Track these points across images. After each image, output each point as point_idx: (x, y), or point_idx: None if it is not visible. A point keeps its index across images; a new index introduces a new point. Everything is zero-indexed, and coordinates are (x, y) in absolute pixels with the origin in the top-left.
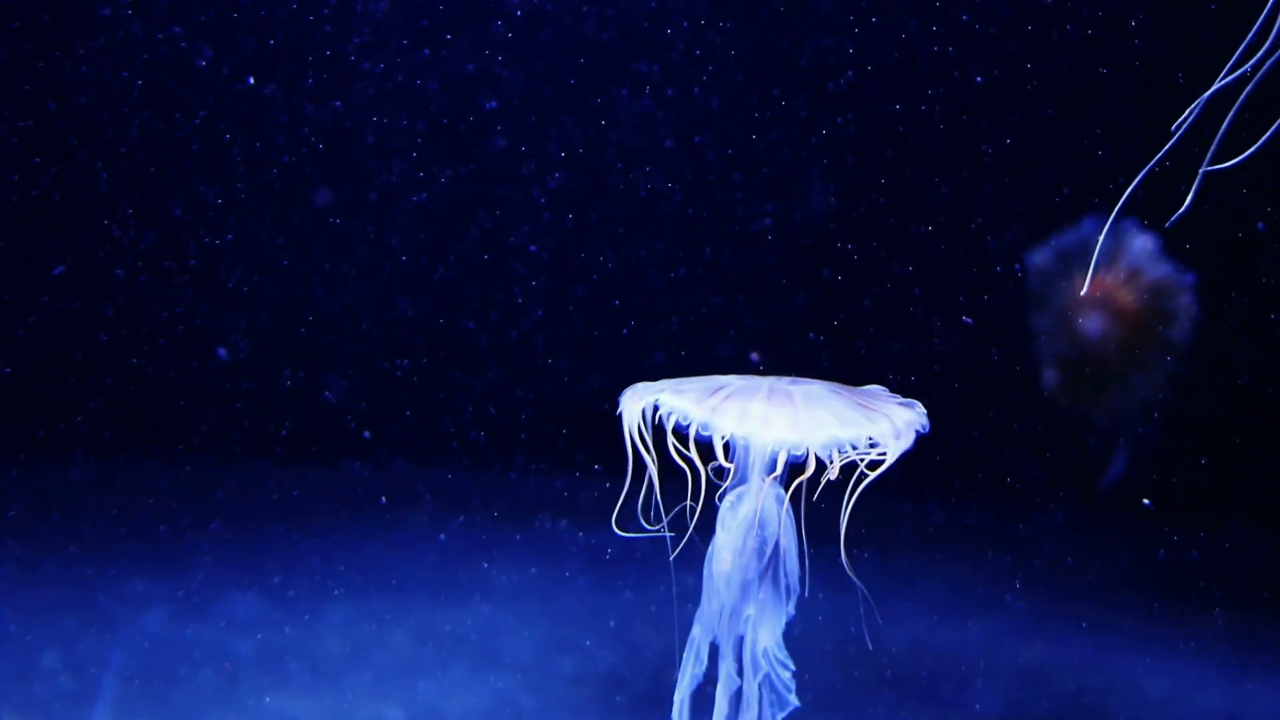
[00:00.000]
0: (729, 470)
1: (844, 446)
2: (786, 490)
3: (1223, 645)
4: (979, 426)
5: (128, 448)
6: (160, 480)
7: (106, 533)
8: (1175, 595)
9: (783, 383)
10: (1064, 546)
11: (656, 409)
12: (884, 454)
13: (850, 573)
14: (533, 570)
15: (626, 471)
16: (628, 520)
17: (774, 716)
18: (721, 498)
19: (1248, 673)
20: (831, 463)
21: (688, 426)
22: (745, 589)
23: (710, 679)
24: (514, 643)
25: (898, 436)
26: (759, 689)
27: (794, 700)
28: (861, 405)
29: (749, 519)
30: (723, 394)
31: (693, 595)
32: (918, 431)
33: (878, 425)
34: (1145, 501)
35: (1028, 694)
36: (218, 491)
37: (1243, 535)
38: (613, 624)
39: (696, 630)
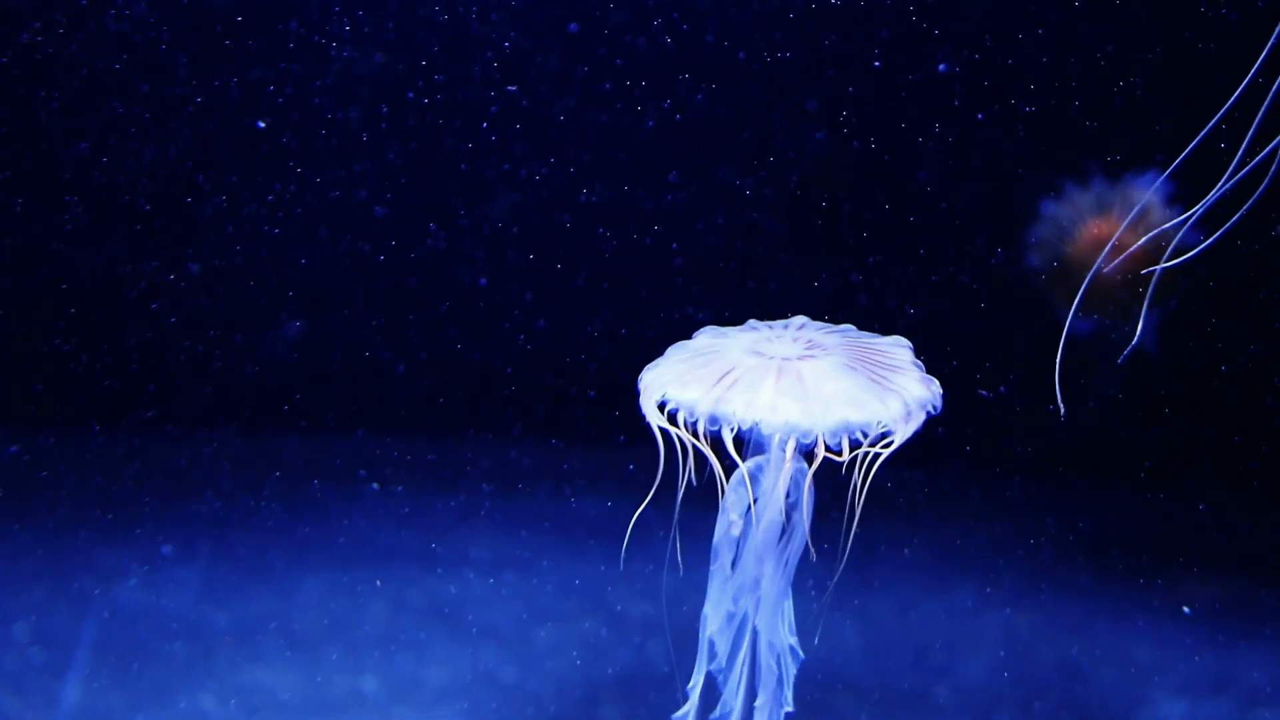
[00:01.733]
0: (740, 448)
1: (853, 432)
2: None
3: (1212, 612)
4: (968, 392)
5: (99, 417)
6: (133, 450)
7: (78, 503)
8: (1164, 562)
9: (796, 350)
10: (1052, 513)
11: (664, 404)
12: (890, 438)
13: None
14: (513, 540)
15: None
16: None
17: (779, 704)
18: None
19: (1236, 640)
20: (839, 451)
21: (695, 419)
22: (758, 567)
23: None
24: (494, 613)
25: (908, 419)
26: (766, 673)
27: (789, 704)
28: (876, 381)
29: (767, 496)
30: (729, 378)
31: (676, 565)
32: (927, 412)
33: (890, 407)
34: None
35: (1015, 660)
36: (191, 462)
37: (1232, 502)
38: (594, 593)
39: (708, 609)
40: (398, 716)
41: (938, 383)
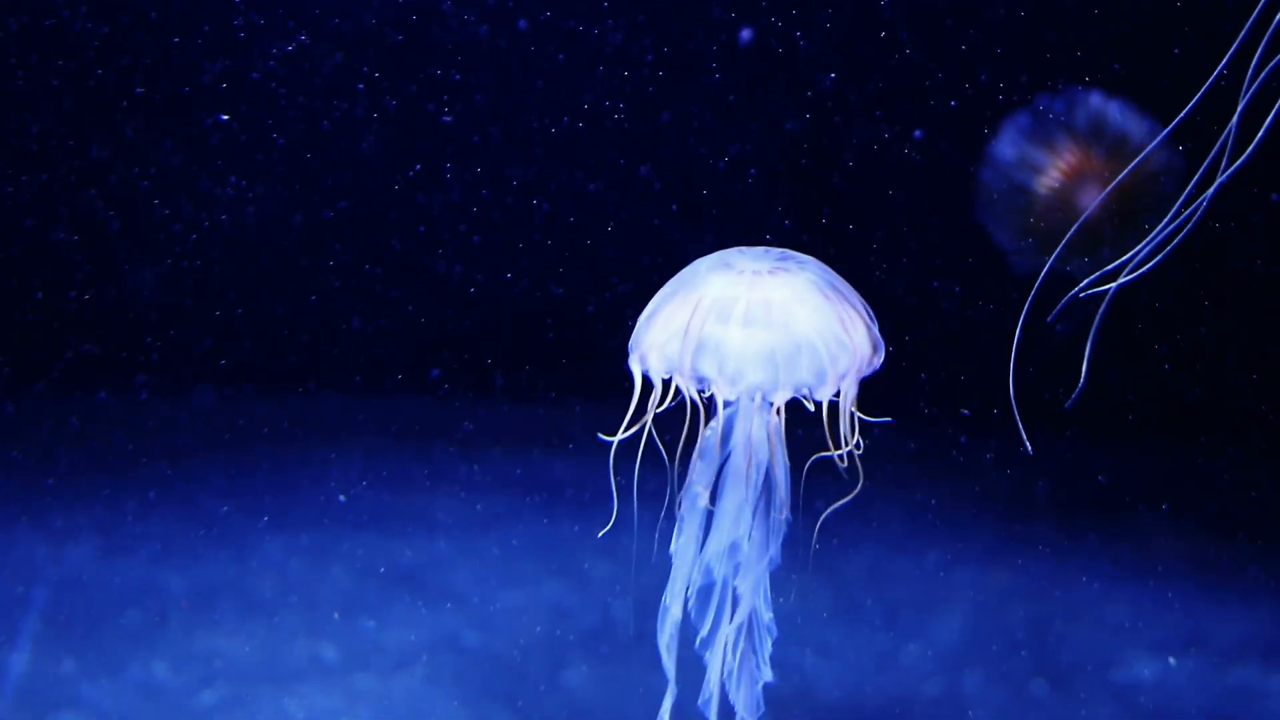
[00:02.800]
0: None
1: (813, 389)
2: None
3: (1182, 570)
4: (936, 352)
5: (49, 378)
6: (86, 412)
7: (29, 466)
8: (1134, 521)
9: (760, 290)
10: (1022, 473)
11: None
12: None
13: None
14: (475, 502)
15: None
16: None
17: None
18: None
19: (1207, 598)
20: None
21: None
22: (733, 531)
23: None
24: (456, 576)
25: (858, 373)
26: (741, 640)
27: (767, 673)
28: (840, 334)
29: (740, 450)
30: (697, 326)
31: (643, 526)
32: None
33: (846, 360)
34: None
35: (986, 621)
36: (146, 423)
37: (1202, 459)
38: (558, 555)
39: (676, 572)
40: (357, 682)
41: (882, 345)
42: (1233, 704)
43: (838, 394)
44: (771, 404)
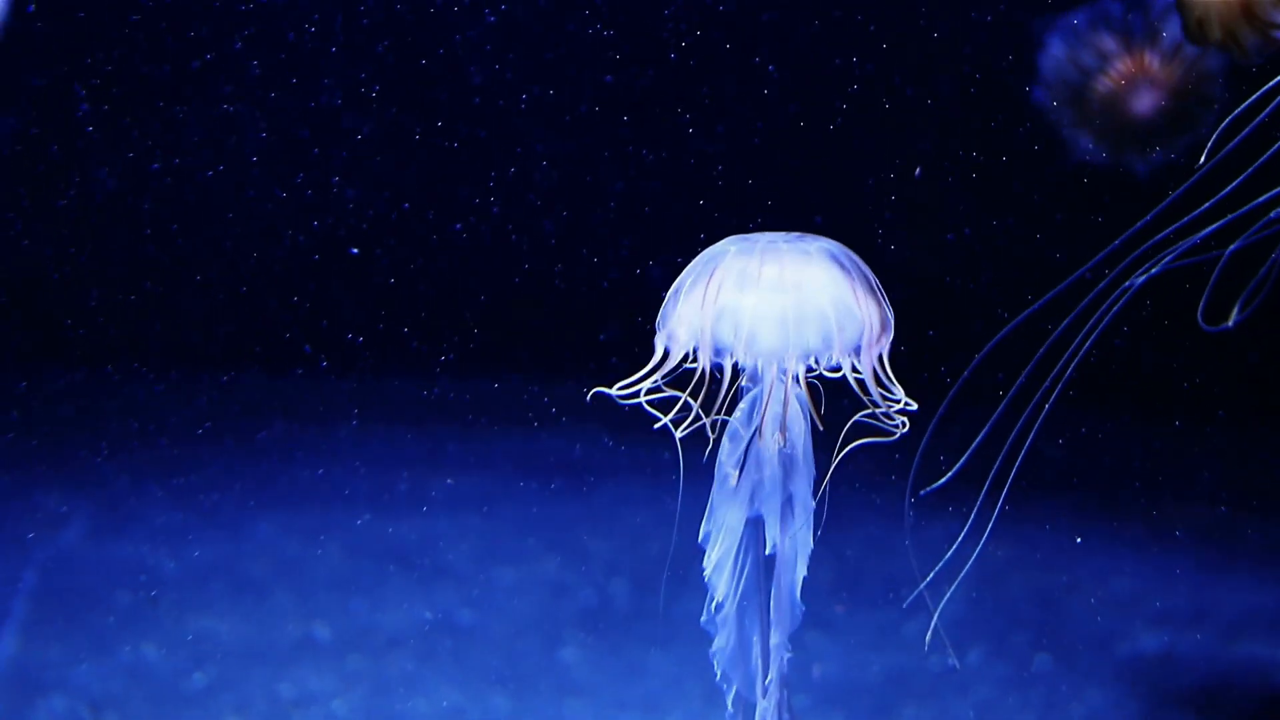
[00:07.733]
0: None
1: (826, 356)
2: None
3: (1188, 543)
4: (936, 326)
5: (40, 357)
6: (76, 391)
7: (19, 446)
8: (1139, 493)
9: (777, 257)
10: (1026, 447)
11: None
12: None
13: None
14: (471, 480)
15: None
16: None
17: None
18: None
19: (1213, 570)
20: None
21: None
22: (758, 504)
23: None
24: (451, 554)
25: (872, 347)
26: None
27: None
28: (852, 306)
29: (769, 425)
30: (715, 293)
31: (640, 502)
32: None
33: (854, 330)
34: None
35: (989, 595)
36: (137, 402)
37: (1207, 432)
38: (554, 532)
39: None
40: (350, 663)
41: (891, 317)
42: (1238, 677)
43: (857, 370)
44: (787, 372)
